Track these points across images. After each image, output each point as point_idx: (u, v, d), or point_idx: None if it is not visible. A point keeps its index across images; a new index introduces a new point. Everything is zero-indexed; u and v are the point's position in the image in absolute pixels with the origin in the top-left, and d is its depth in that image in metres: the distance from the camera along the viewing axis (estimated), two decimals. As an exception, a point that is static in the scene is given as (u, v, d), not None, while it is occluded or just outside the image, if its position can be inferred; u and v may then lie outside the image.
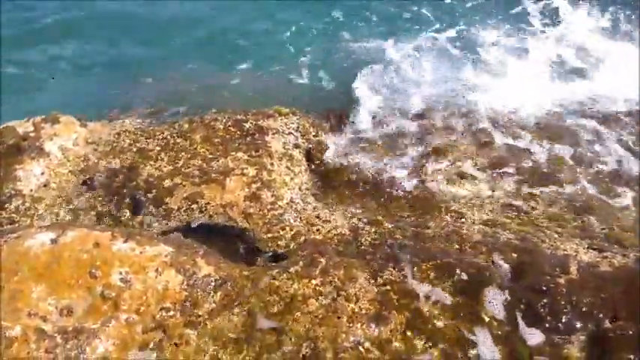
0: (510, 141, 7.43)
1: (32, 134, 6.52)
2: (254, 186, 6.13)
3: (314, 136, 7.33)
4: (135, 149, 6.58)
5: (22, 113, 6.80)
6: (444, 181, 6.85)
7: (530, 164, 7.09)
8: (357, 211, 6.33)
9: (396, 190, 6.68)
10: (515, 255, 5.21)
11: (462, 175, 6.92)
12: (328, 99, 8.63)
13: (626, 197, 6.71)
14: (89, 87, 9.49)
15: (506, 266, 5.07)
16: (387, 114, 7.91)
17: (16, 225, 5.69)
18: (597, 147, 7.42)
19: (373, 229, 5.73)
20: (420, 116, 7.89)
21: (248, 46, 10.27)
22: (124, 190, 6.12)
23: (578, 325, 4.62)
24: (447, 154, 7.14)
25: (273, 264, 5.22)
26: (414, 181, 6.77)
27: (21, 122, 6.75)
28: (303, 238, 5.57)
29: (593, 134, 7.62)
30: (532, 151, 7.29)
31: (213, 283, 4.87)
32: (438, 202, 6.46)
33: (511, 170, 7.00)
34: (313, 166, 7.08)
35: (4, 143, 6.35)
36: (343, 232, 5.74)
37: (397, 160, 7.10)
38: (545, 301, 4.73)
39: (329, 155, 7.11)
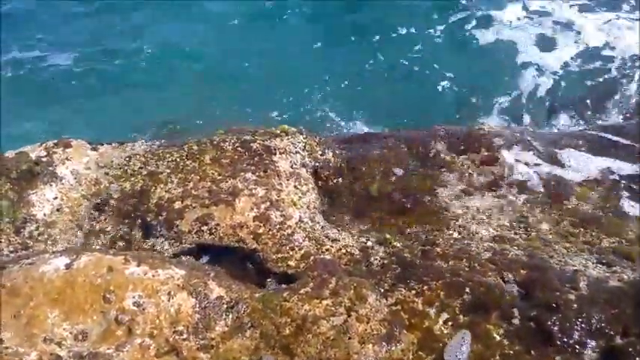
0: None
1: (45, 159, 6.64)
2: (263, 206, 6.20)
3: (321, 154, 7.40)
4: (145, 172, 6.68)
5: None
6: (452, 197, 6.90)
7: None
8: (366, 228, 6.39)
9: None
10: (524, 272, 5.23)
11: (471, 191, 6.97)
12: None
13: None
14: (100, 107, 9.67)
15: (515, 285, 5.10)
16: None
17: (31, 250, 5.78)
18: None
19: (382, 249, 5.78)
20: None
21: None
22: (136, 214, 6.21)
23: (589, 341, 4.62)
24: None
25: (284, 285, 5.26)
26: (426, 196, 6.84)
27: (34, 147, 6.87)
28: (312, 258, 5.61)
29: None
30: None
31: (225, 305, 4.93)
32: (447, 218, 6.51)
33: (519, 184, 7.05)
34: (321, 184, 7.14)
35: (17, 168, 6.46)
36: (352, 251, 5.79)
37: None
38: (555, 317, 4.74)
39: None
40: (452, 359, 4.51)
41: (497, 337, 4.67)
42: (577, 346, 4.60)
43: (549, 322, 4.72)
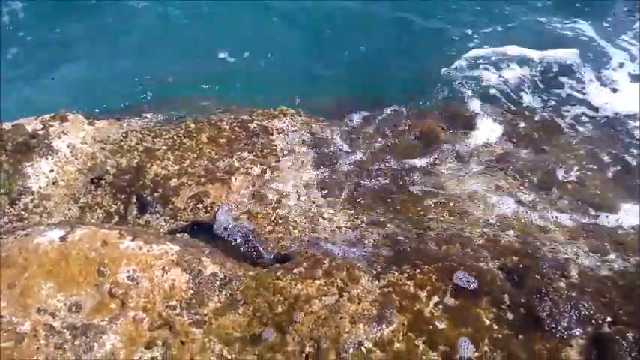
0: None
1: (41, 132, 6.60)
2: (259, 185, 6.21)
3: (319, 135, 7.39)
4: (142, 148, 6.66)
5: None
6: (449, 178, 6.93)
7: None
8: (361, 210, 6.41)
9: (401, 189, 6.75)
10: (516, 258, 5.27)
11: (466, 174, 7.00)
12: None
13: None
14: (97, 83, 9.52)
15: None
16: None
17: (26, 222, 5.78)
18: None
19: (376, 230, 5.81)
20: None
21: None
22: (131, 189, 6.21)
23: (578, 328, 4.68)
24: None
25: (277, 264, 5.30)
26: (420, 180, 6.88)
27: (30, 120, 6.83)
28: (307, 238, 5.64)
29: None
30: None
31: (218, 282, 4.96)
32: (443, 199, 6.54)
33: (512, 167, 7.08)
34: (318, 164, 7.13)
35: (14, 141, 6.43)
36: (347, 232, 5.82)
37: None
38: (545, 304, 4.79)
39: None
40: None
41: (487, 322, 4.72)
42: (565, 333, 4.65)
43: (539, 308, 4.77)
